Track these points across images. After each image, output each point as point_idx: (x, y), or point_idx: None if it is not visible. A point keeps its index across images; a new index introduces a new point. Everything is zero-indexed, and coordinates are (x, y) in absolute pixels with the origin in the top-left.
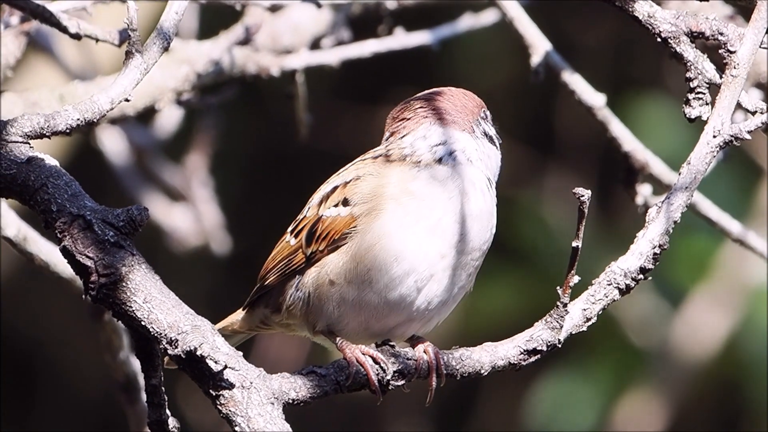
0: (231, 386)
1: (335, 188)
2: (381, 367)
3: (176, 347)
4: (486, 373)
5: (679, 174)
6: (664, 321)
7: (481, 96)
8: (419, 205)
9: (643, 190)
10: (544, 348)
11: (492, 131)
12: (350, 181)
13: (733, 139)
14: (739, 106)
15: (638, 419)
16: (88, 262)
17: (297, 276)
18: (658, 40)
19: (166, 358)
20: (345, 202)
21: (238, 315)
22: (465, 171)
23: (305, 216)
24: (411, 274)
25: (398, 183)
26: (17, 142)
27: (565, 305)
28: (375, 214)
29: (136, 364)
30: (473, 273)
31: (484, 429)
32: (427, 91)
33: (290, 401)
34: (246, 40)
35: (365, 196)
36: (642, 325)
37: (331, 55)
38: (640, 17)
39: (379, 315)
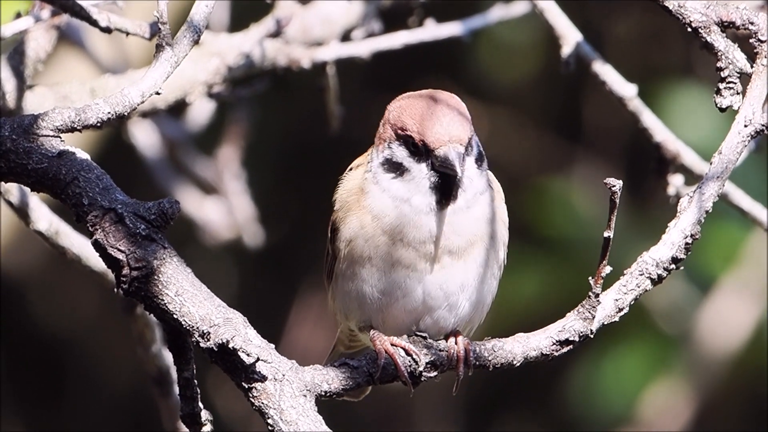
0: (263, 379)
1: None
2: (413, 359)
3: (208, 340)
4: (518, 364)
5: (711, 164)
6: (693, 308)
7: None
8: (373, 222)
9: (675, 181)
10: (577, 338)
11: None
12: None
13: (764, 128)
14: None
15: (668, 406)
16: (120, 256)
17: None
18: (689, 29)
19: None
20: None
21: (337, 333)
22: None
23: None
24: (389, 270)
25: (358, 192)
26: (48, 135)
27: (597, 296)
28: (344, 216)
29: (168, 357)
30: (489, 249)
31: (515, 416)
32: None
33: (323, 393)
34: (277, 33)
35: (341, 196)
36: (672, 312)
37: (362, 47)
38: (671, 7)
39: (385, 307)
